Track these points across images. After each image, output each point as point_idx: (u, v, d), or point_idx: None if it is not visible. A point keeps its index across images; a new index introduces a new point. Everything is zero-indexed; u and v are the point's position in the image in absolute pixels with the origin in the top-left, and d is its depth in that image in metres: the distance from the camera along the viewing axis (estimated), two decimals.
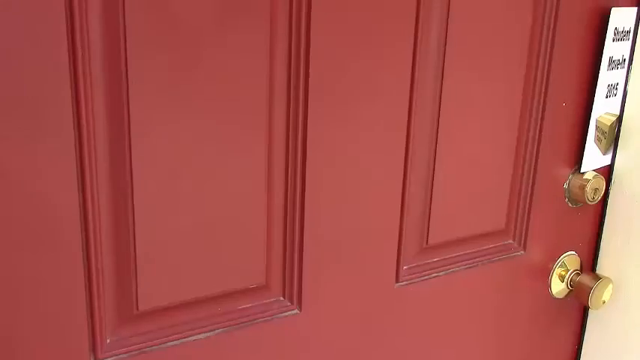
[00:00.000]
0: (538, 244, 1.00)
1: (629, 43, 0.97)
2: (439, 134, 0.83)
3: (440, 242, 0.89)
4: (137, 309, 0.68)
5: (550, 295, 1.03)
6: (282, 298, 0.78)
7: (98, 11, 0.58)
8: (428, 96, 0.81)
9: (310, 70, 0.70)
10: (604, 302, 1.01)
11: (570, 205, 1.01)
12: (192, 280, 0.71)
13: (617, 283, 1.04)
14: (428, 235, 0.87)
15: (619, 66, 0.97)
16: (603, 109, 0.97)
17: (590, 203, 1.00)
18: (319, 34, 0.70)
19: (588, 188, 0.98)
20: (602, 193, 1.00)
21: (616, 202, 1.03)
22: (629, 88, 0.99)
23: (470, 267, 0.93)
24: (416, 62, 0.78)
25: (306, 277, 0.77)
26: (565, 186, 0.99)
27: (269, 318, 0.77)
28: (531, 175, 0.95)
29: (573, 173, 0.99)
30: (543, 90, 0.91)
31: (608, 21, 0.92)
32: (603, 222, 1.05)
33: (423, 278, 0.88)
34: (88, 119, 0.60)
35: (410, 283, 0.87)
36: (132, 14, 0.59)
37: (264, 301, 0.77)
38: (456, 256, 0.91)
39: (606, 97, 0.97)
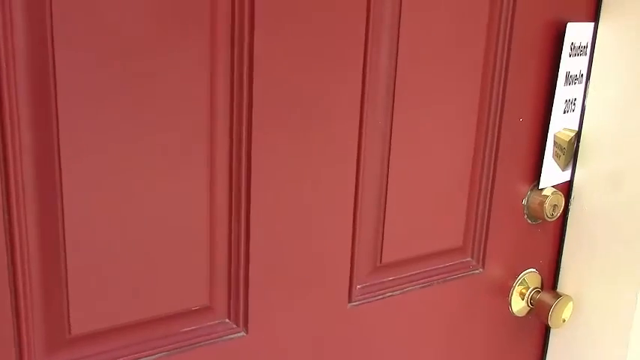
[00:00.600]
0: (497, 261, 0.98)
1: (587, 58, 0.97)
2: (392, 151, 0.81)
3: (394, 261, 0.87)
4: (70, 333, 0.65)
5: (511, 313, 1.02)
6: (227, 320, 0.75)
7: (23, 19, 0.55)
8: (379, 112, 0.79)
9: (254, 92, 0.68)
10: (564, 321, 0.99)
11: (530, 221, 1.00)
12: (130, 301, 0.68)
13: (579, 300, 1.02)
14: (382, 254, 0.85)
15: (576, 81, 0.96)
16: (561, 124, 0.96)
17: (549, 220, 0.98)
18: (263, 56, 0.68)
19: (547, 204, 0.97)
20: (562, 209, 0.99)
21: (576, 218, 1.02)
22: (587, 103, 0.98)
23: (426, 286, 0.91)
24: (366, 80, 0.76)
25: (252, 297, 0.75)
26: (524, 202, 0.98)
27: (213, 341, 0.74)
28: (489, 192, 0.93)
29: (532, 189, 0.98)
30: (499, 106, 0.90)
31: (564, 36, 0.91)
32: (564, 239, 1.04)
33: (377, 298, 0.86)
34: (13, 132, 0.57)
35: (363, 303, 0.85)
36: (60, 19, 0.57)
37: (208, 324, 0.74)
38: (411, 275, 0.89)
39: (564, 113, 0.96)
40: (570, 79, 0.95)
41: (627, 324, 0.96)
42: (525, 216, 0.99)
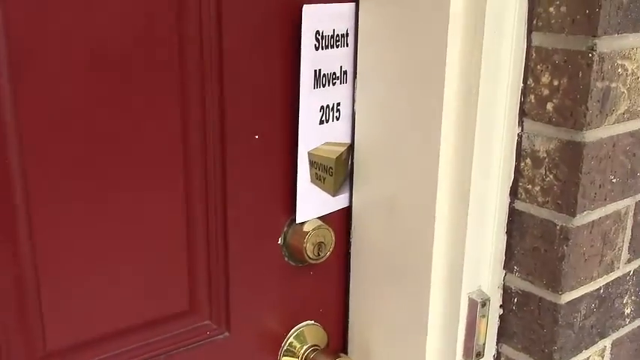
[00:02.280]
0: (251, 319, 0.75)
1: (349, 50, 0.74)
2: (30, 190, 0.57)
3: (71, 344, 0.63)
4: None
5: None
6: None
7: None
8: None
9: None
10: None
11: (294, 264, 0.77)
12: None
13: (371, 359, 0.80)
14: (45, 339, 0.61)
15: (335, 81, 0.74)
16: (318, 139, 0.74)
17: (315, 262, 0.76)
18: None
19: (307, 243, 0.74)
20: (332, 246, 0.77)
21: (358, 255, 0.80)
22: (357, 107, 0.76)
23: None
24: None
25: None
26: (280, 242, 0.75)
27: None
28: (220, 236, 0.70)
29: (290, 224, 0.75)
30: (217, 120, 0.67)
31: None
32: (350, 280, 0.82)
33: None
34: None
35: None
36: None
37: None
38: (107, 357, 0.66)
39: (321, 124, 0.74)
40: (324, 80, 0.72)
41: None
42: (286, 258, 0.76)
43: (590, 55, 0.60)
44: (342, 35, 0.73)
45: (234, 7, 0.65)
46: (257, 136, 0.70)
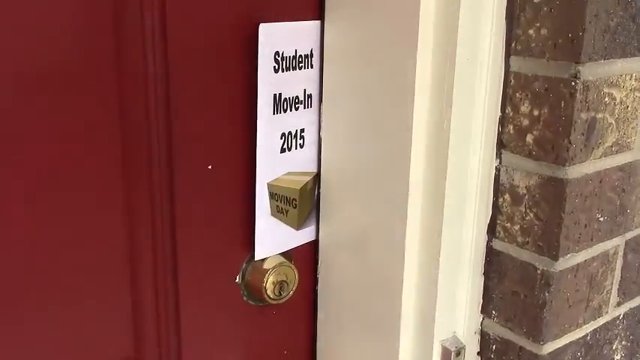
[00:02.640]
0: None
1: (314, 72, 0.68)
2: None
3: None
4: None
5: None
6: None
7: None
8: None
9: None
10: None
11: (254, 304, 0.71)
12: None
13: None
14: None
15: (298, 105, 0.68)
16: (279, 168, 0.68)
17: (275, 302, 0.70)
18: None
19: (267, 283, 0.68)
20: (295, 285, 0.71)
21: (326, 293, 0.74)
22: (323, 134, 0.70)
23: None
24: None
25: None
26: (238, 280, 0.69)
27: None
28: (170, 271, 0.64)
29: (249, 262, 0.69)
30: (163, 149, 0.61)
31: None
32: (317, 321, 0.76)
33: None
34: None
35: None
36: None
37: None
38: None
39: (282, 152, 0.68)
40: (285, 104, 0.66)
41: None
42: (245, 298, 0.70)
43: (573, 83, 0.54)
44: (306, 56, 0.67)
45: (180, 25, 0.59)
46: (210, 167, 0.64)
